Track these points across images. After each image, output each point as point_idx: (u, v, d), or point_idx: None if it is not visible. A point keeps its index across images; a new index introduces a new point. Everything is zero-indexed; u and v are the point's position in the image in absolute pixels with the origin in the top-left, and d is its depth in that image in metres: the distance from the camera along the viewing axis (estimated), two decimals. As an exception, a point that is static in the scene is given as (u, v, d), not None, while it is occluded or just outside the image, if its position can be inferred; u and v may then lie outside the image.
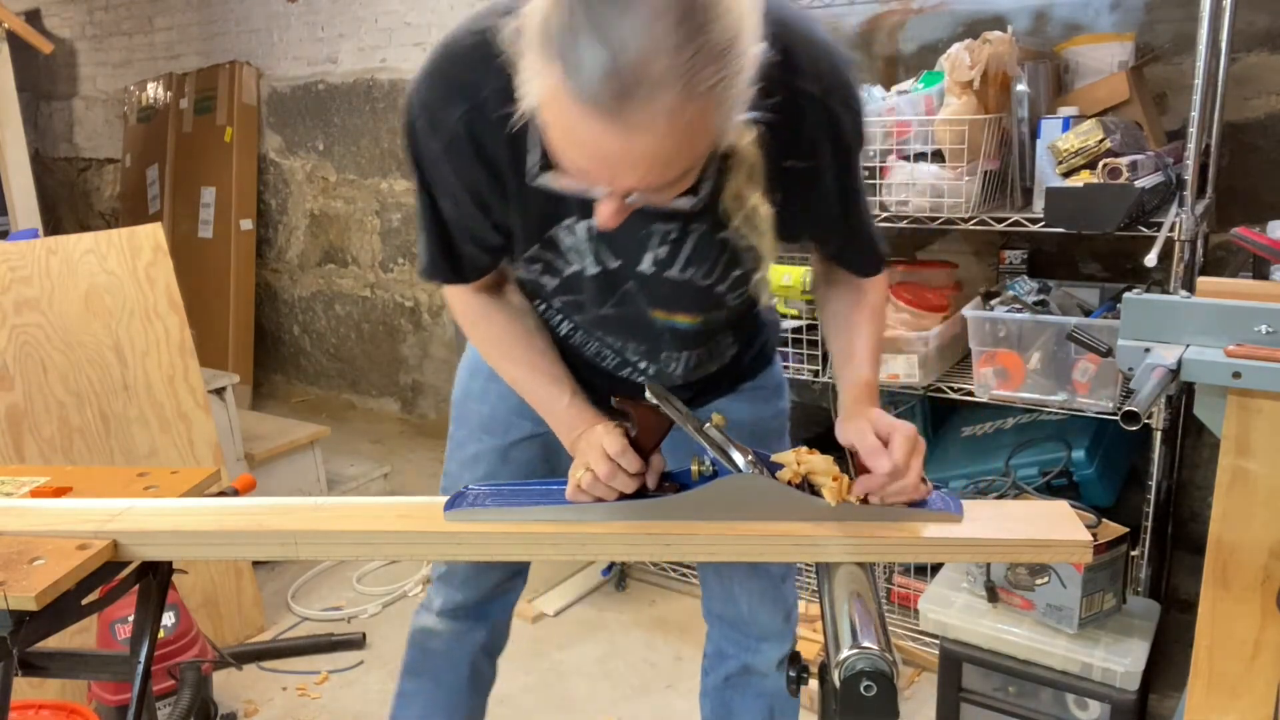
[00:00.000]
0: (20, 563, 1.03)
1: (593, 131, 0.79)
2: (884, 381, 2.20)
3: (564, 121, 0.81)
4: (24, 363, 2.17)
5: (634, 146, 0.80)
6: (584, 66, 0.76)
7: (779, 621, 1.45)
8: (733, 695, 1.49)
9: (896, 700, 0.86)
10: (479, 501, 1.11)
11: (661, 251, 1.09)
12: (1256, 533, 1.19)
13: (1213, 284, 1.26)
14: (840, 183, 1.10)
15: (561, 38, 0.78)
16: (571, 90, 0.78)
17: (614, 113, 0.77)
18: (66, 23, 5.52)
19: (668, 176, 0.85)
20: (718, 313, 1.19)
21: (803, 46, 1.00)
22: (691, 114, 0.78)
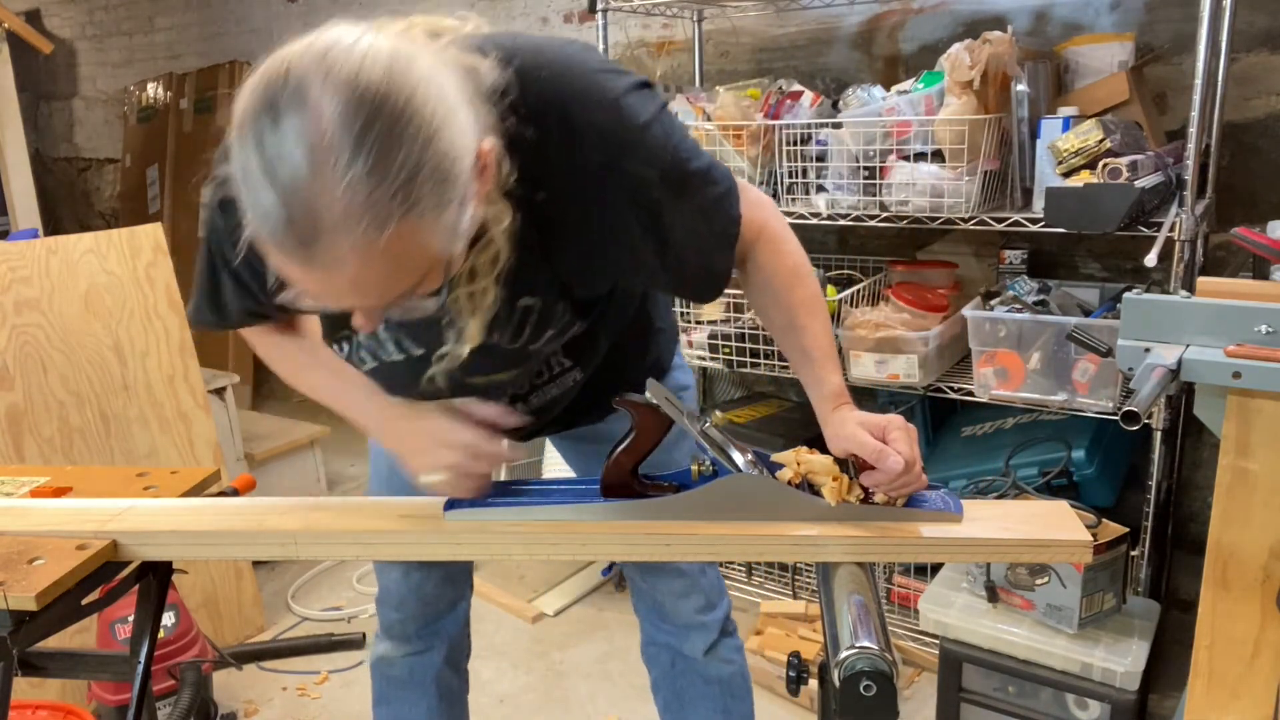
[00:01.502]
0: (20, 563, 1.03)
1: (293, 271, 0.78)
2: (884, 381, 2.21)
3: (272, 260, 0.80)
4: (24, 363, 2.17)
5: (335, 282, 0.78)
6: (263, 213, 0.75)
7: (701, 613, 1.46)
8: (683, 684, 1.51)
9: (896, 700, 0.86)
10: (479, 500, 1.12)
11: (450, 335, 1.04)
12: (1256, 533, 1.19)
13: (1213, 284, 1.26)
14: (655, 238, 1.02)
15: (244, 183, 0.76)
16: (260, 234, 0.77)
17: (304, 257, 0.75)
18: (66, 23, 5.52)
19: (390, 295, 0.82)
20: (540, 359, 1.17)
21: (582, 114, 0.94)
22: (385, 244, 0.75)
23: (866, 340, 2.19)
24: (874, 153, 2.12)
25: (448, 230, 0.80)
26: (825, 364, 1.13)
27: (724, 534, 1.07)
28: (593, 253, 1.03)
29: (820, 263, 2.57)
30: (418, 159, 0.74)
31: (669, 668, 1.52)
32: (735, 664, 1.52)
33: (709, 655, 1.48)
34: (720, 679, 1.50)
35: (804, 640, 2.35)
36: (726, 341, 2.38)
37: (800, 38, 2.76)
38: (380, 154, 0.73)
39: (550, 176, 0.94)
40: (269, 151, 0.73)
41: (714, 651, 1.48)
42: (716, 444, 1.07)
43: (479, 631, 2.59)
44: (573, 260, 1.03)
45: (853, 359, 2.22)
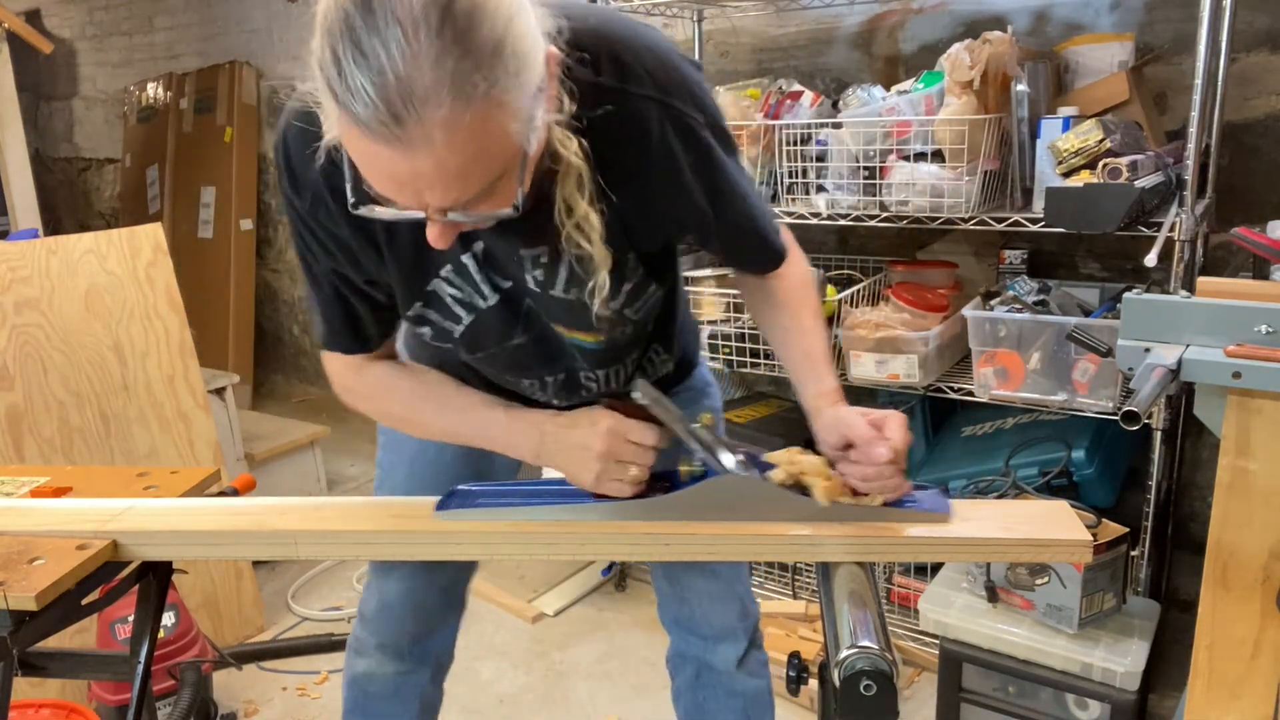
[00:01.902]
0: (20, 563, 1.03)
1: (381, 157, 0.79)
2: (884, 381, 2.21)
3: (356, 152, 0.82)
4: (24, 363, 2.17)
5: (420, 165, 0.79)
6: (355, 95, 0.76)
7: (733, 619, 1.45)
8: (705, 696, 1.49)
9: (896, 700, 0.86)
10: (469, 501, 1.11)
11: (538, 274, 1.07)
12: (1256, 533, 1.19)
13: (1213, 284, 1.26)
14: (706, 181, 1.07)
15: (331, 71, 0.77)
16: (350, 120, 0.78)
17: (392, 135, 0.77)
18: (66, 23, 5.52)
19: (471, 190, 0.83)
20: (621, 329, 1.16)
21: (630, 53, 0.99)
22: (470, 122, 0.77)
23: (866, 340, 2.19)
24: (874, 153, 2.12)
25: (525, 117, 0.82)
26: (827, 367, 1.17)
27: (723, 534, 1.07)
28: (649, 194, 1.04)
29: (820, 263, 2.57)
30: (500, 35, 0.78)
31: (693, 679, 1.49)
32: (763, 680, 1.50)
33: (740, 668, 1.45)
34: (745, 693, 1.47)
35: (804, 640, 2.35)
36: (726, 341, 2.38)
37: (800, 38, 2.76)
38: (466, 27, 0.76)
39: (604, 115, 0.95)
40: (359, 34, 0.75)
41: (744, 664, 1.45)
42: (705, 444, 1.07)
43: (479, 631, 2.60)
44: (631, 202, 1.03)
45: (853, 359, 2.22)
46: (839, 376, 2.28)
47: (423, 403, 1.18)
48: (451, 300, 1.09)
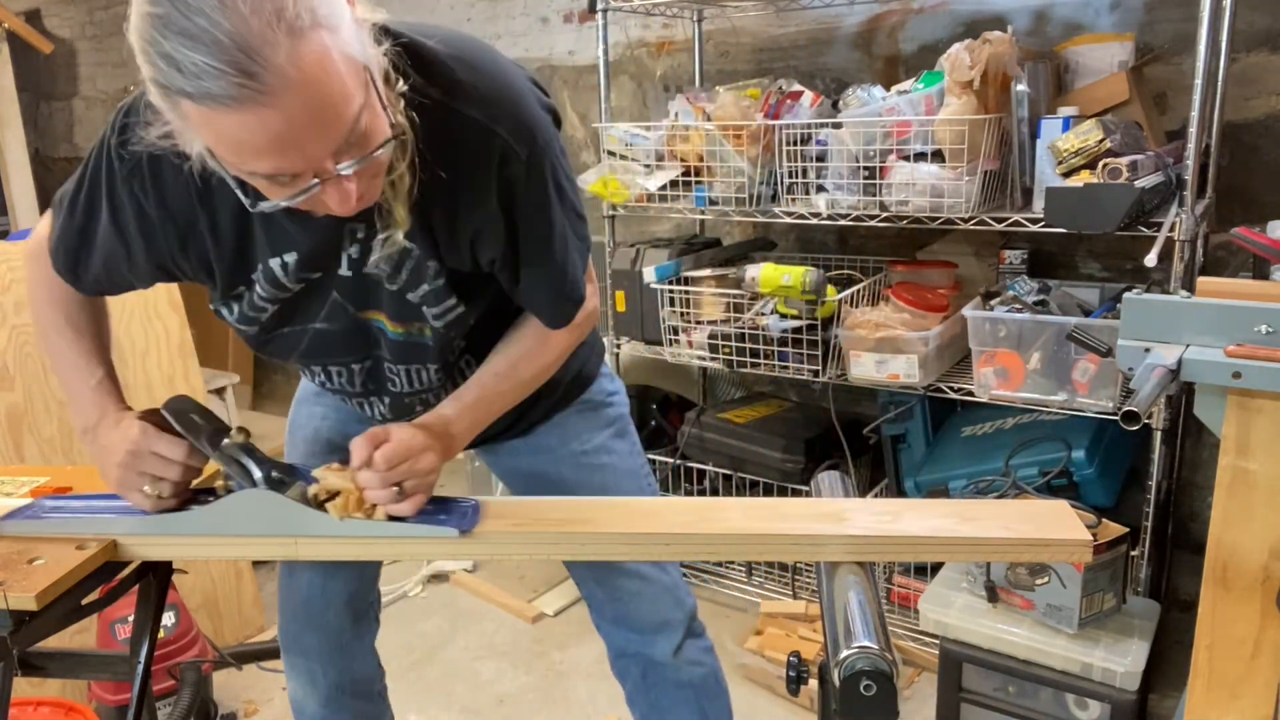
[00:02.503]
0: (20, 563, 1.03)
1: (251, 126, 0.80)
2: (884, 381, 2.21)
3: (229, 139, 0.82)
4: (24, 363, 2.17)
5: (292, 111, 0.80)
6: (203, 75, 0.77)
7: (666, 611, 1.45)
8: (656, 694, 1.49)
9: (896, 700, 0.86)
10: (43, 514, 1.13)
11: (354, 250, 1.08)
12: (1256, 533, 1.19)
13: (1213, 284, 1.26)
14: (510, 216, 1.07)
15: (170, 75, 0.79)
16: (209, 104, 0.79)
17: (253, 92, 0.78)
18: (66, 23, 5.52)
19: (345, 123, 0.84)
20: (419, 325, 1.16)
21: (470, 76, 1.01)
22: (313, 51, 0.80)
23: (866, 340, 2.19)
24: (874, 153, 2.12)
25: (355, 40, 0.85)
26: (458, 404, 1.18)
27: (724, 534, 1.07)
28: (455, 207, 1.06)
29: (820, 263, 2.57)
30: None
31: (640, 680, 1.49)
32: (705, 665, 1.50)
33: (677, 657, 1.45)
34: (692, 683, 1.47)
35: (804, 640, 2.35)
36: (726, 341, 2.38)
37: (800, 38, 2.76)
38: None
39: (428, 119, 0.97)
40: (179, 22, 0.77)
41: (681, 653, 1.45)
42: (230, 458, 1.07)
43: (479, 631, 2.60)
44: (438, 208, 1.05)
45: (853, 359, 2.22)
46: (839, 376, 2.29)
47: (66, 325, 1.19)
48: (259, 297, 1.12)
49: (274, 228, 1.05)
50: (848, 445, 2.46)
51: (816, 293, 2.20)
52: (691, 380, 3.14)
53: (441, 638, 2.57)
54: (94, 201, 1.09)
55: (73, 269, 1.14)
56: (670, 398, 2.99)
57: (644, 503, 1.20)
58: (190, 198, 1.03)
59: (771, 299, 2.30)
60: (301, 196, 0.88)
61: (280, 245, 1.06)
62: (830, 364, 2.28)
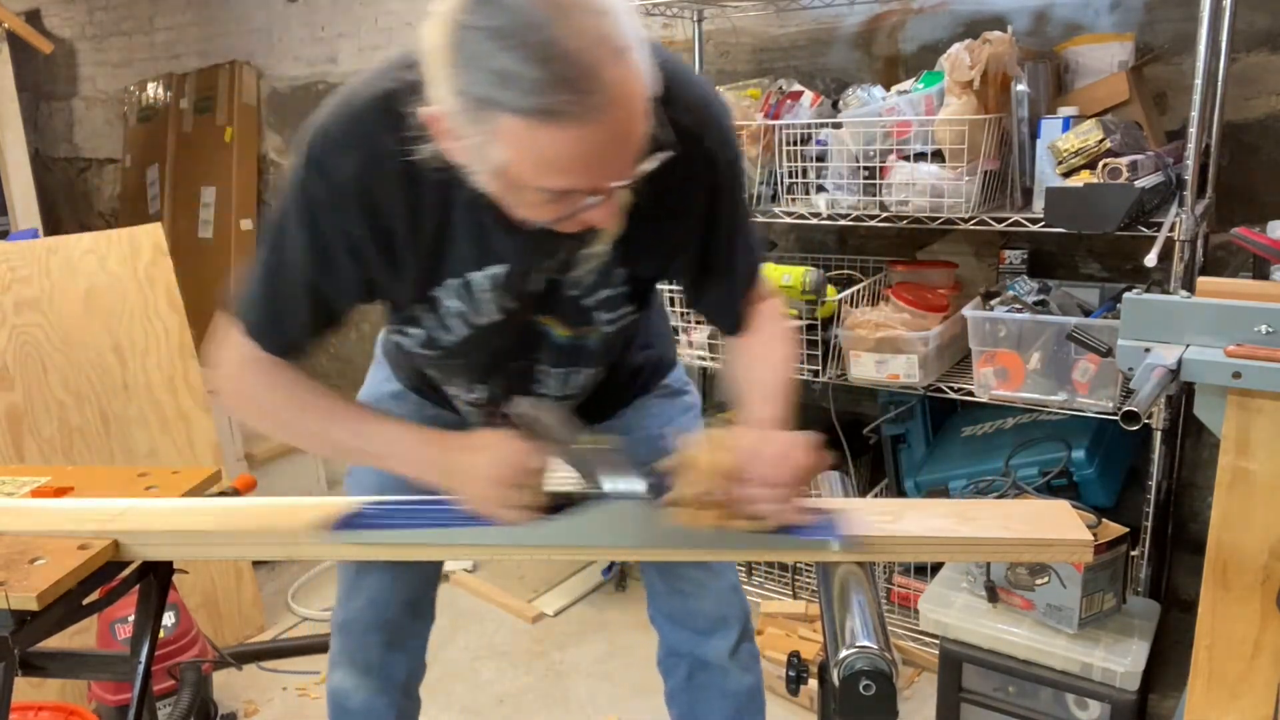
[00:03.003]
0: (21, 563, 1.03)
1: (572, 143, 0.81)
2: (884, 381, 2.21)
3: (542, 155, 0.83)
4: (24, 363, 2.17)
5: (614, 127, 0.82)
6: (537, 92, 0.78)
7: (726, 608, 1.45)
8: (698, 697, 1.49)
9: (896, 700, 0.86)
10: (372, 523, 1.10)
11: (554, 263, 1.08)
12: (1256, 533, 1.19)
13: (1213, 284, 1.26)
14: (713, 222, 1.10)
15: (488, 87, 0.80)
16: (536, 122, 0.80)
17: (585, 110, 0.79)
18: (66, 23, 5.52)
19: (641, 141, 0.87)
20: (589, 330, 1.17)
21: (678, 83, 1.01)
22: (632, 70, 0.82)
23: (866, 340, 2.19)
24: (874, 153, 2.12)
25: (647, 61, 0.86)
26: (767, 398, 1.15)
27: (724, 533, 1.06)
28: (659, 219, 1.06)
29: (820, 263, 2.57)
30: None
31: (685, 679, 1.49)
32: (755, 675, 1.50)
33: (734, 658, 1.45)
34: (738, 693, 1.47)
35: (804, 640, 2.35)
36: (726, 341, 2.38)
37: (800, 38, 2.76)
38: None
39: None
40: (513, 33, 0.78)
41: (737, 655, 1.45)
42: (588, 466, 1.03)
43: (479, 631, 2.60)
44: (640, 222, 1.03)
45: (853, 359, 2.22)
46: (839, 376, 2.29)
47: (322, 413, 1.13)
48: (450, 311, 1.10)
49: (483, 240, 1.03)
50: (848, 445, 2.46)
51: (816, 293, 2.20)
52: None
53: (441, 638, 2.56)
54: (291, 251, 1.04)
55: (281, 329, 1.10)
56: (670, 398, 2.99)
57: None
58: (398, 214, 1.01)
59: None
60: (579, 214, 0.89)
61: (488, 258, 1.05)
62: (830, 364, 2.28)
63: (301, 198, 1.01)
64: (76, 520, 1.12)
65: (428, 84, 0.87)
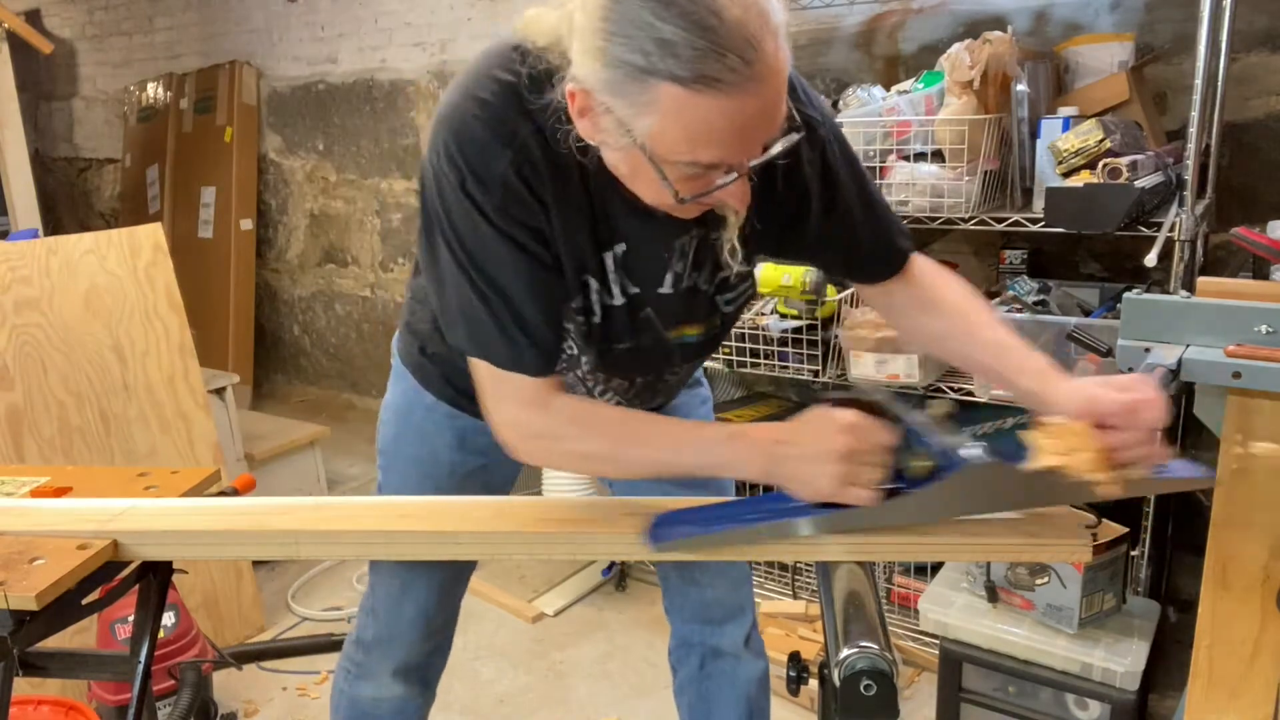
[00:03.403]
0: (21, 562, 1.03)
1: (731, 113, 0.83)
2: (884, 381, 2.20)
3: (698, 124, 0.84)
4: (24, 363, 2.17)
5: (769, 95, 0.84)
6: (702, 60, 0.80)
7: (742, 596, 1.47)
8: (710, 686, 1.50)
9: (896, 700, 0.86)
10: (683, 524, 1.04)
11: (679, 267, 1.09)
12: (1256, 533, 1.19)
13: (1213, 284, 1.25)
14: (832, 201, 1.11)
15: (651, 56, 0.81)
16: (697, 91, 0.81)
17: (746, 80, 0.81)
18: (66, 23, 5.52)
19: (783, 117, 0.88)
20: (714, 319, 1.19)
21: (796, 79, 1.04)
22: (783, 43, 0.84)
23: (867, 340, 2.19)
24: (874, 153, 2.12)
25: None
26: (1025, 349, 1.10)
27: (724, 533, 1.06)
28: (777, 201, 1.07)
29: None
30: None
31: (697, 670, 1.50)
32: (765, 662, 1.53)
33: (748, 646, 1.48)
34: (750, 680, 1.49)
35: (804, 640, 2.35)
36: (727, 341, 2.38)
37: (800, 38, 2.76)
38: None
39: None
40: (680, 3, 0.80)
41: (751, 642, 1.48)
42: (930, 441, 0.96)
43: (479, 631, 2.60)
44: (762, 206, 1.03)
45: (853, 359, 2.22)
46: (839, 376, 2.29)
47: (625, 436, 1.04)
48: (594, 297, 1.08)
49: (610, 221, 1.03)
50: (848, 445, 2.46)
51: (816, 293, 2.20)
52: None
53: (441, 638, 2.57)
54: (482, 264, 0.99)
55: (545, 346, 1.03)
56: (670, 398, 2.99)
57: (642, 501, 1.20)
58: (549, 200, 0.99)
59: (771, 299, 2.30)
60: (714, 191, 0.90)
61: (614, 237, 1.05)
62: (830, 364, 2.28)
63: (473, 210, 0.97)
64: (76, 520, 1.12)
65: (570, 62, 0.87)
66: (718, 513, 1.06)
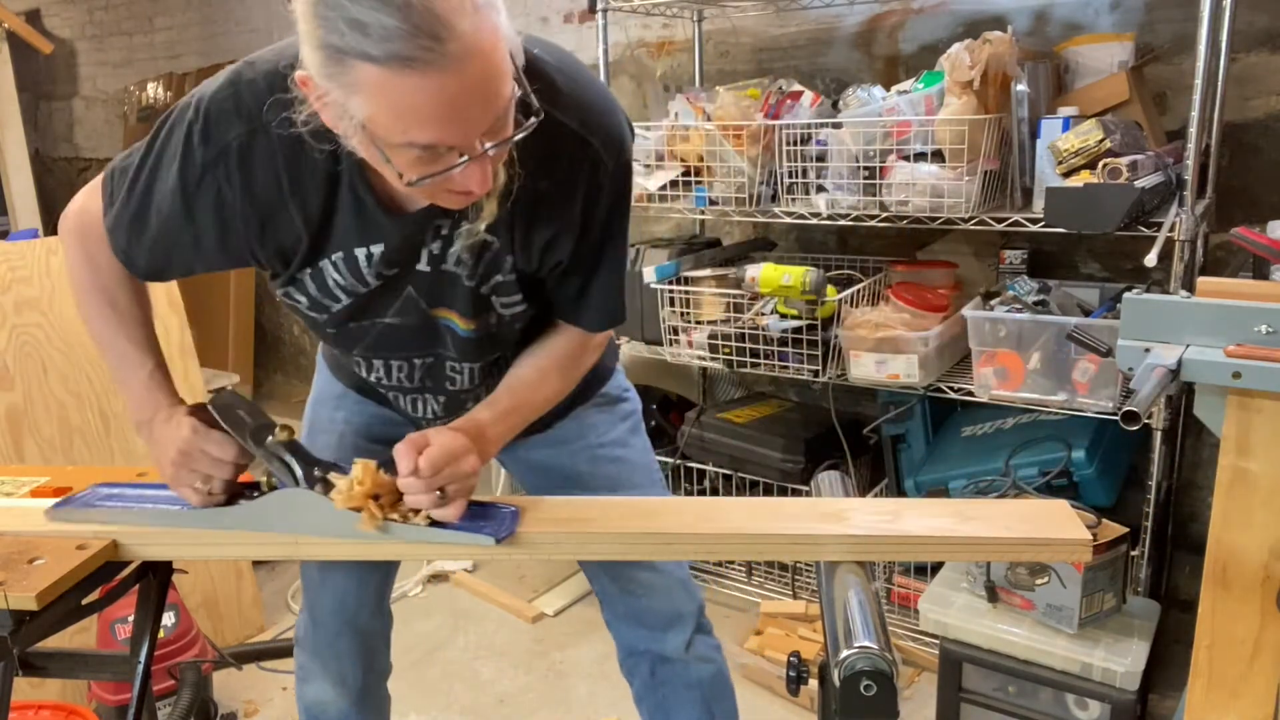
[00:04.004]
0: (20, 562, 1.03)
1: (431, 91, 0.83)
2: (884, 381, 2.21)
3: (401, 105, 0.84)
4: (24, 363, 2.17)
5: (470, 77, 0.84)
6: (391, 39, 0.80)
7: (678, 605, 1.46)
8: (664, 693, 1.49)
9: (896, 700, 0.86)
10: (96, 503, 1.14)
11: (435, 246, 1.10)
12: (1256, 533, 1.19)
13: (1213, 284, 1.25)
14: (587, 221, 1.11)
15: (345, 38, 0.81)
16: (392, 70, 0.82)
17: (437, 55, 0.81)
18: (66, 23, 5.52)
19: (503, 99, 0.88)
20: (489, 317, 1.18)
21: (570, 88, 1.05)
22: (490, 25, 0.84)
23: (866, 340, 2.19)
24: (874, 153, 2.12)
25: (510, 31, 0.89)
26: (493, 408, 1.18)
27: (724, 534, 1.07)
28: (536, 214, 1.08)
29: (820, 263, 2.57)
30: None
31: (649, 678, 1.50)
32: (714, 663, 1.51)
33: (689, 651, 1.46)
34: (701, 681, 1.48)
35: (804, 640, 2.35)
36: (726, 341, 2.38)
37: (800, 38, 2.76)
38: None
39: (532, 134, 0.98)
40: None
41: (692, 648, 1.46)
42: (278, 458, 1.08)
43: (479, 631, 2.60)
44: (520, 214, 1.07)
45: (853, 359, 2.22)
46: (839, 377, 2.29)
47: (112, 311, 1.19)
48: (333, 283, 1.12)
49: (364, 217, 1.06)
50: (848, 445, 2.46)
51: (816, 293, 2.20)
52: (691, 380, 3.14)
53: (441, 638, 2.56)
54: (161, 183, 1.07)
55: (130, 250, 1.13)
56: (670, 398, 2.99)
57: (643, 502, 1.20)
58: (279, 186, 1.03)
59: (771, 299, 2.30)
60: (447, 173, 0.90)
61: (369, 236, 1.07)
62: (830, 364, 2.28)
63: (184, 148, 1.03)
64: (76, 520, 1.12)
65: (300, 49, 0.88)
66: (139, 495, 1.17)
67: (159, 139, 1.07)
